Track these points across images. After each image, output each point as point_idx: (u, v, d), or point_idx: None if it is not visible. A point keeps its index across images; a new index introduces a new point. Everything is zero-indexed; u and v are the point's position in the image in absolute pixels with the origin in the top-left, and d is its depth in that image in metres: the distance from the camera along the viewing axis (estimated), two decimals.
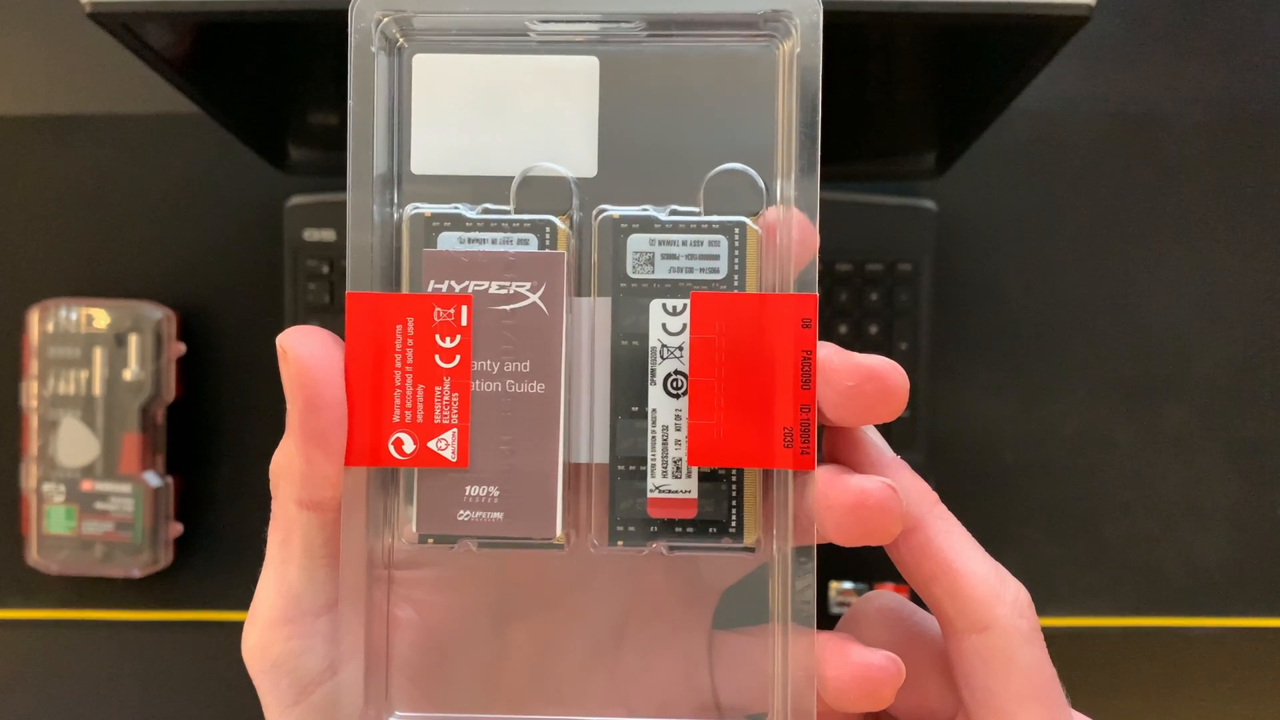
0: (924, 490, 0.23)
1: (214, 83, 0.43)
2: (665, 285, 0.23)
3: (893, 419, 0.22)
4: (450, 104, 0.23)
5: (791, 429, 0.22)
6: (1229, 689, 0.58)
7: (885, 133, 0.51)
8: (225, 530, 0.58)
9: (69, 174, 0.59)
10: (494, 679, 0.24)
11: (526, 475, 0.23)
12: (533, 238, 0.23)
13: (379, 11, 0.23)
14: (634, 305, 0.24)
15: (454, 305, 0.23)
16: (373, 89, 0.23)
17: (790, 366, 0.22)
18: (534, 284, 0.23)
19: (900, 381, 0.22)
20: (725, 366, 0.23)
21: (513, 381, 0.23)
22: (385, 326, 0.23)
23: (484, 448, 0.23)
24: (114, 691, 0.59)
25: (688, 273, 0.23)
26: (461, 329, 0.23)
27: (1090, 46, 0.59)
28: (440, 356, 0.23)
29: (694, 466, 0.23)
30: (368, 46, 0.23)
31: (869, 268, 0.56)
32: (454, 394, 0.23)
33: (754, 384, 0.23)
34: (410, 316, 0.23)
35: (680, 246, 0.24)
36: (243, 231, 0.58)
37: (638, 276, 0.24)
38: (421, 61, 0.23)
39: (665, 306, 0.23)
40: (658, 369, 0.23)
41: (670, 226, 0.23)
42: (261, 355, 0.58)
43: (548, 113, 0.24)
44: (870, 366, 0.22)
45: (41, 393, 0.54)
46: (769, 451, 0.22)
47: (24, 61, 0.59)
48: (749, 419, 0.23)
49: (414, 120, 0.23)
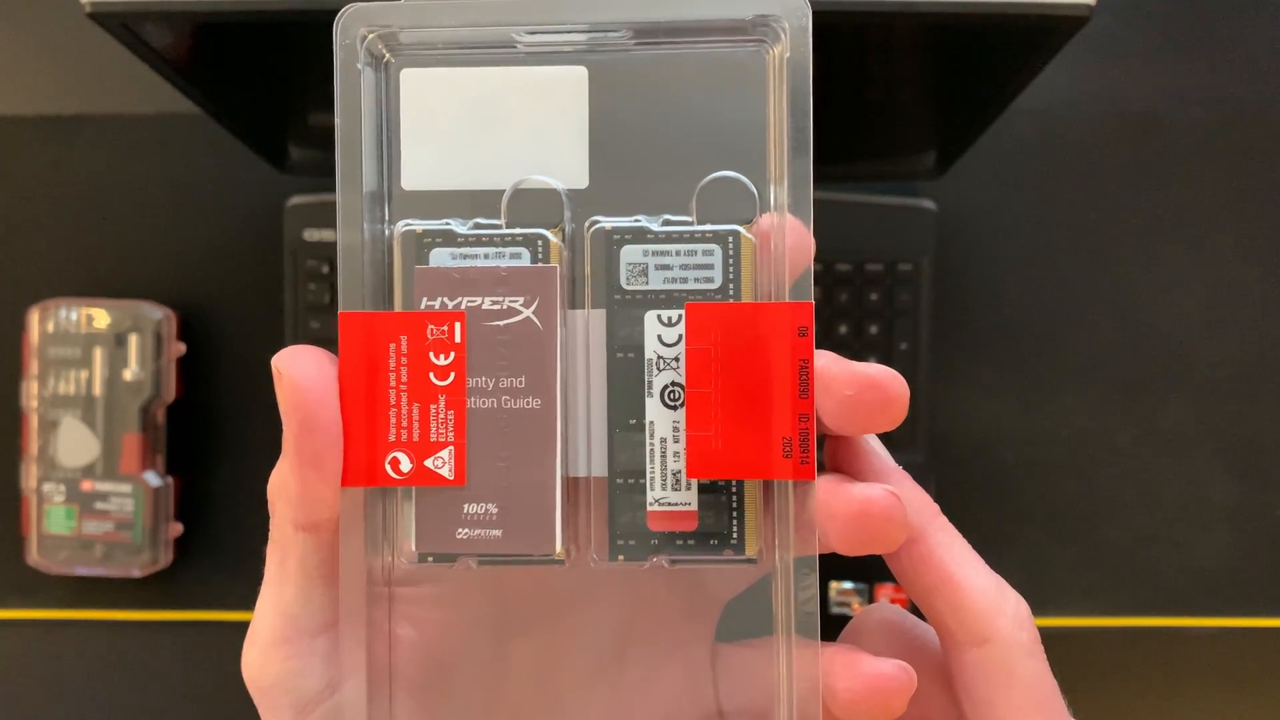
0: (925, 501, 0.23)
1: (214, 83, 0.43)
2: (659, 296, 0.23)
3: (893, 428, 0.22)
4: (439, 118, 0.23)
5: (791, 439, 0.22)
6: (1229, 689, 0.58)
7: (885, 133, 0.52)
8: (225, 530, 0.58)
9: (69, 174, 0.59)
10: (496, 694, 0.24)
11: (524, 491, 0.23)
12: (525, 251, 0.23)
13: (364, 27, 0.22)
14: (629, 317, 0.23)
15: (447, 322, 0.23)
16: (360, 105, 0.22)
17: (788, 375, 0.22)
18: (527, 298, 0.23)
19: (900, 390, 0.22)
20: (722, 377, 0.23)
21: (508, 397, 0.23)
22: (379, 345, 0.22)
23: (481, 465, 0.23)
24: (114, 691, 0.59)
25: (682, 283, 0.23)
26: (455, 346, 0.23)
27: (1090, 46, 0.59)
28: (435, 374, 0.23)
29: (693, 479, 0.23)
30: (354, 62, 0.22)
31: (869, 268, 0.56)
32: (449, 411, 0.23)
33: (752, 394, 0.22)
34: (404, 335, 0.22)
35: (674, 257, 0.23)
36: (243, 231, 0.58)
37: (631, 288, 0.23)
38: (409, 76, 0.23)
39: (660, 318, 0.23)
40: (654, 380, 0.23)
41: (663, 237, 0.23)
42: (262, 355, 0.58)
43: (538, 124, 0.23)
44: (870, 375, 0.22)
45: (41, 393, 0.54)
46: (768, 462, 0.22)
47: (24, 61, 0.59)
48: (748, 429, 0.22)
49: (403, 135, 0.23)
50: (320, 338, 0.56)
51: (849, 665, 0.22)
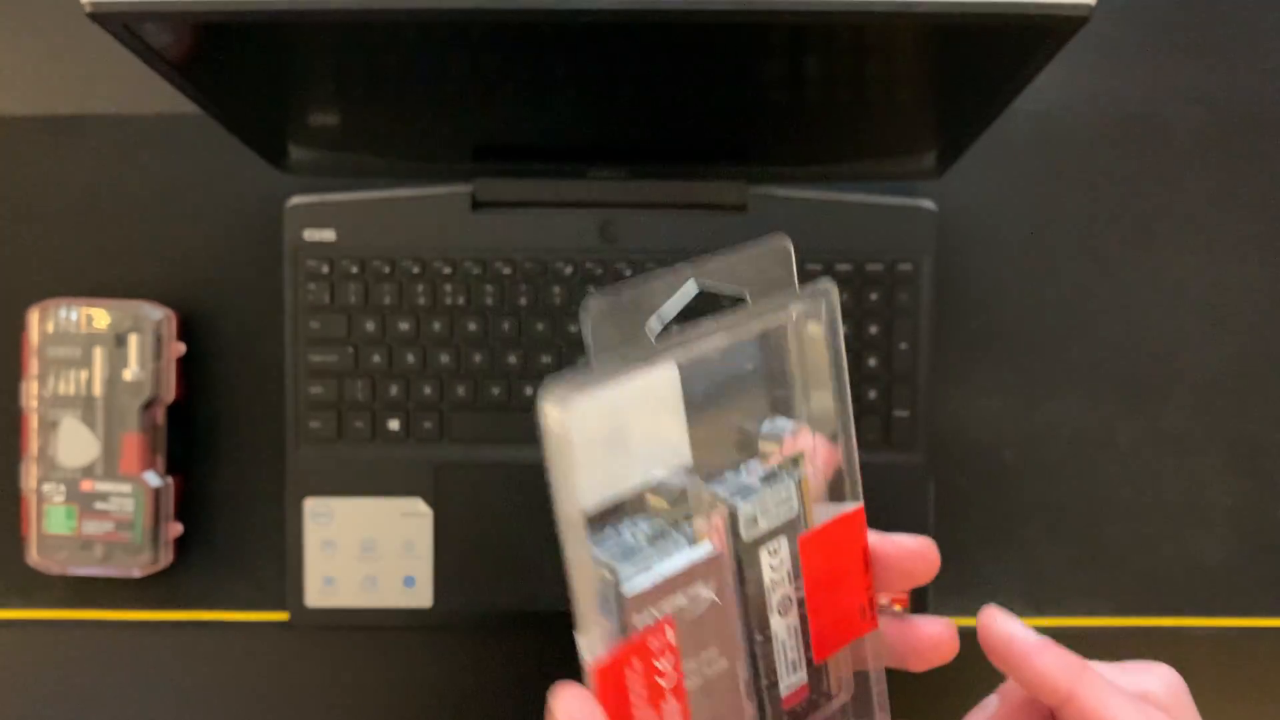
0: (1071, 661, 0.30)
1: (214, 83, 0.43)
2: (765, 534, 0.30)
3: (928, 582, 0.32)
4: (589, 444, 0.27)
5: (865, 605, 0.31)
6: (1229, 689, 0.58)
7: (885, 133, 0.52)
8: (225, 530, 0.58)
9: (69, 174, 0.59)
10: None
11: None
12: (679, 536, 0.28)
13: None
14: (751, 558, 0.30)
15: (660, 636, 0.27)
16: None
17: (858, 563, 0.31)
18: (711, 584, 0.28)
19: (935, 556, 0.32)
20: (823, 581, 0.31)
21: (707, 666, 0.28)
22: (619, 677, 0.27)
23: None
24: (114, 691, 0.59)
25: (776, 519, 0.30)
26: (671, 647, 0.27)
27: (1090, 46, 0.59)
28: (661, 678, 0.27)
29: (820, 660, 0.31)
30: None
31: (869, 268, 0.56)
32: (675, 702, 0.27)
33: (840, 586, 0.31)
34: (635, 658, 0.27)
35: (769, 503, 0.30)
36: (242, 232, 0.58)
37: (751, 537, 0.30)
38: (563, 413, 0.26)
39: (768, 549, 0.30)
40: (773, 598, 0.30)
41: (762, 489, 0.30)
42: (261, 355, 0.58)
43: (651, 427, 0.28)
44: (912, 549, 0.32)
45: (41, 393, 0.54)
46: (857, 626, 0.32)
47: (25, 62, 0.59)
48: (840, 609, 0.31)
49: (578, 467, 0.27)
50: (320, 338, 0.56)
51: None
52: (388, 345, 0.56)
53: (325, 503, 0.56)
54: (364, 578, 0.56)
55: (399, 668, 0.59)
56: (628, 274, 0.56)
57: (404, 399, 0.56)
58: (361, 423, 0.56)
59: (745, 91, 0.45)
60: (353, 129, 0.52)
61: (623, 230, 0.56)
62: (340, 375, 0.56)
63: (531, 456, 0.56)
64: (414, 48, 0.41)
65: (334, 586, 0.56)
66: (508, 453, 0.56)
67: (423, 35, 0.39)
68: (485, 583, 0.56)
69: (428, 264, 0.56)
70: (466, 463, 0.56)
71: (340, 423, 0.56)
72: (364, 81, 0.45)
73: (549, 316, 0.56)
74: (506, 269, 0.56)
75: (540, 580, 0.56)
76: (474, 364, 0.56)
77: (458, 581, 0.56)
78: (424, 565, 0.56)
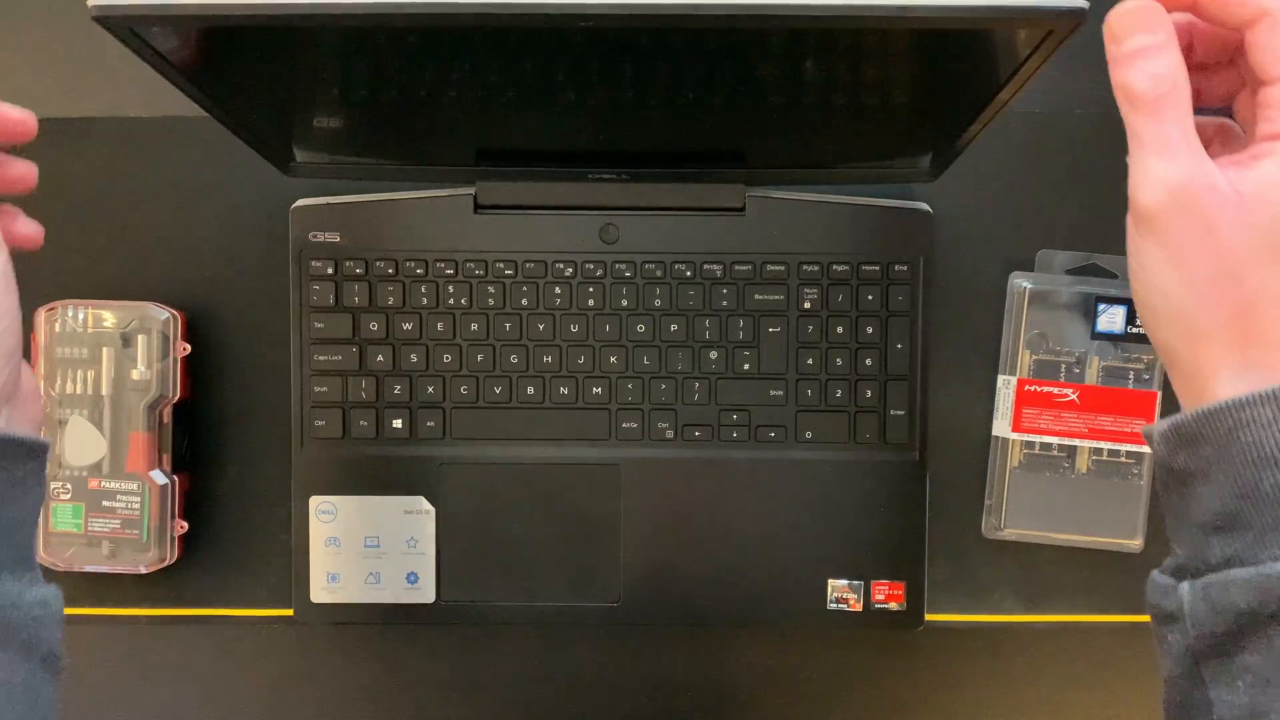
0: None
1: (219, 87, 0.43)
2: None
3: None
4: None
5: None
6: None
7: (881, 136, 0.52)
8: (230, 527, 0.59)
9: (76, 177, 0.59)
10: None
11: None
12: None
13: None
14: None
15: None
16: None
17: None
18: None
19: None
20: None
21: None
22: None
23: None
24: (121, 687, 0.59)
25: None
26: None
27: (1085, 48, 0.59)
28: None
29: None
30: None
31: (865, 269, 0.57)
32: None
33: None
34: None
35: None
36: (248, 233, 0.59)
37: None
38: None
39: None
40: None
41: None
42: (266, 355, 0.59)
43: None
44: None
45: (49, 392, 0.55)
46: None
47: (32, 65, 0.60)
48: None
49: None
50: (324, 338, 0.57)
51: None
52: (391, 345, 0.57)
53: (330, 500, 0.57)
54: (368, 574, 0.57)
55: (402, 663, 0.59)
56: (627, 275, 0.57)
57: (407, 398, 0.57)
58: (366, 421, 0.57)
59: (744, 95, 0.46)
60: (357, 133, 0.52)
61: (623, 232, 0.57)
62: (345, 375, 0.57)
63: (532, 455, 0.57)
64: (417, 52, 0.42)
65: (338, 583, 0.57)
66: (509, 451, 0.57)
67: (426, 40, 0.40)
68: (487, 579, 0.57)
69: (431, 265, 0.56)
70: (469, 461, 0.57)
71: (345, 422, 0.57)
72: (368, 86, 0.46)
73: (550, 317, 0.57)
74: (508, 270, 0.57)
75: (541, 576, 0.57)
76: (476, 364, 0.57)
77: (460, 578, 0.57)
78: (427, 562, 0.57)
